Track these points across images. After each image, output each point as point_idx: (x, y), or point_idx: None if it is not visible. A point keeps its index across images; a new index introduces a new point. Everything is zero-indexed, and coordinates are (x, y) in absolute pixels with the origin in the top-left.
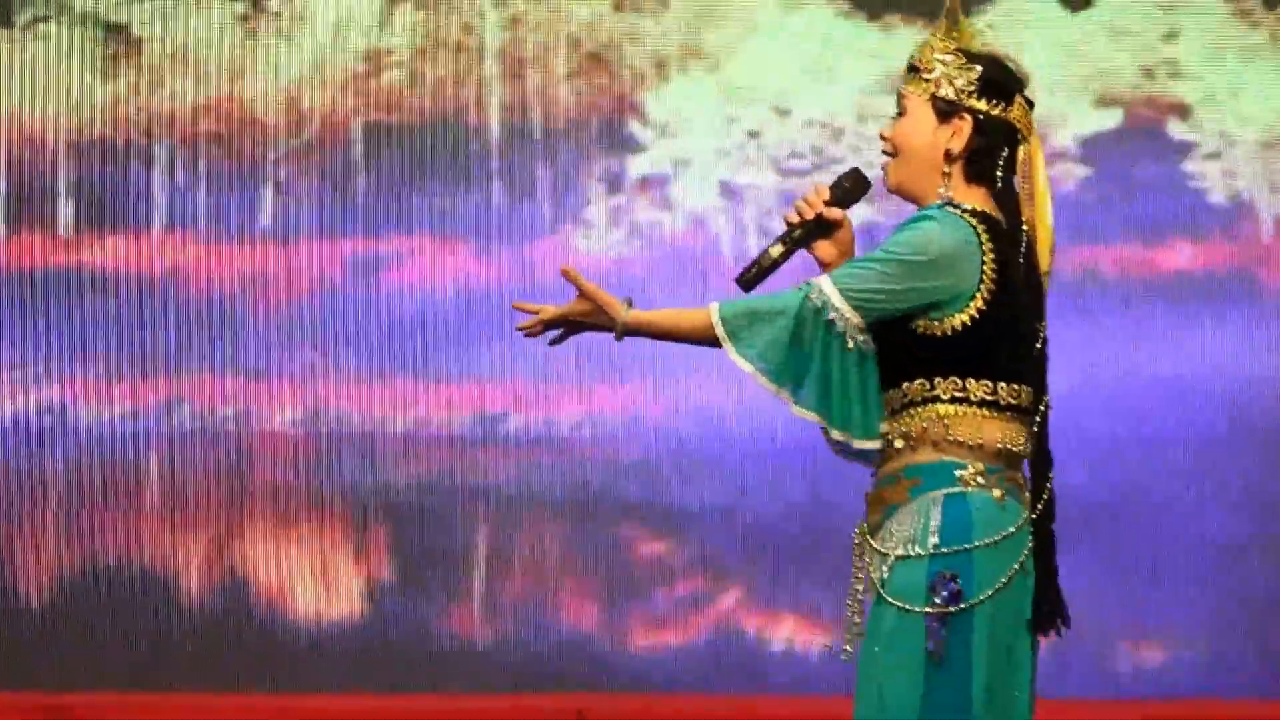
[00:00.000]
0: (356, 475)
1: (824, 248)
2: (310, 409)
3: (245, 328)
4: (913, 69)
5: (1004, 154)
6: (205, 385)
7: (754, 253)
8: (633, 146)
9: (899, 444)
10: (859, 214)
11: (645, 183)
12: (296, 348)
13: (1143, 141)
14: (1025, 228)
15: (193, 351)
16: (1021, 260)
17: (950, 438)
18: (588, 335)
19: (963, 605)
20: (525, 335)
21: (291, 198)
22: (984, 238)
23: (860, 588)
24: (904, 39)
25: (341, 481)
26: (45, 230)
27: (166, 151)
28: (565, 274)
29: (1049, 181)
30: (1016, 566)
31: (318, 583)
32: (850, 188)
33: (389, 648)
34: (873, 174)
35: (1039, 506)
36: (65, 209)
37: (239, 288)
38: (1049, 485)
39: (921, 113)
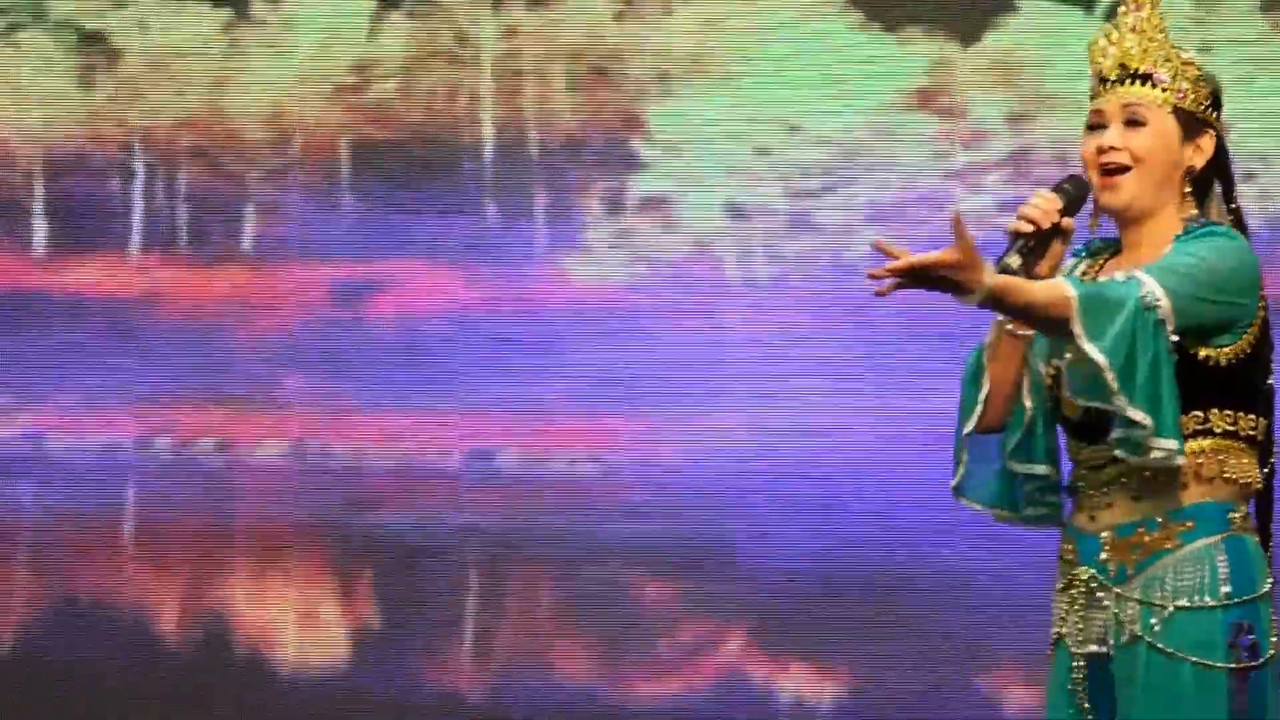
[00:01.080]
0: (342, 512)
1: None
2: (294, 441)
3: (227, 355)
4: (1140, 76)
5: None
6: (185, 415)
7: (761, 277)
8: (635, 164)
9: (1160, 481)
10: None
11: (648, 203)
12: (280, 376)
13: None
14: None
15: (172, 380)
16: None
17: (1224, 475)
18: (584, 359)
19: (1261, 659)
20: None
21: (276, 217)
22: None
23: (1081, 638)
24: (923, 53)
25: (327, 519)
26: (18, 249)
27: (146, 167)
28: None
29: None
30: None
31: (301, 627)
32: (1076, 195)
33: (374, 698)
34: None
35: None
36: (39, 227)
37: (220, 312)
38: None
39: (1166, 125)
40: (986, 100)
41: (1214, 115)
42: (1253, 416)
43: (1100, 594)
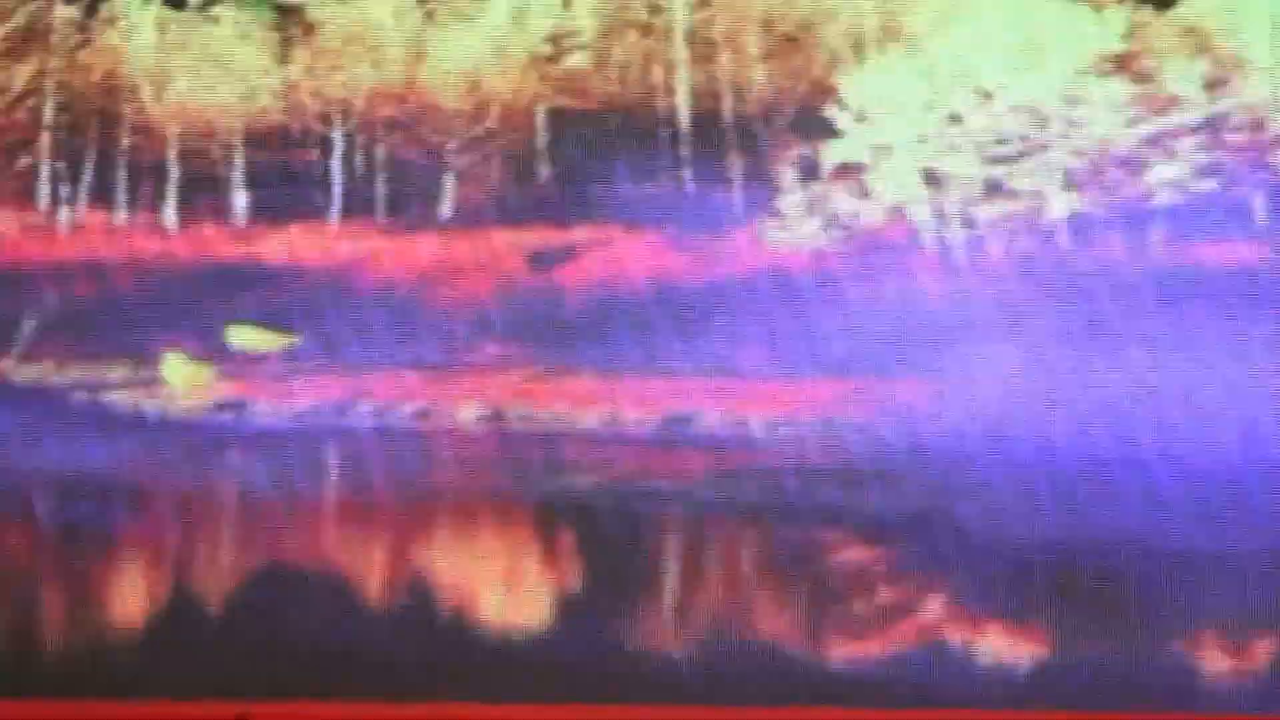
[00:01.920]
0: (542, 476)
1: None
2: (494, 406)
3: (426, 321)
4: None
5: None
6: (385, 382)
7: (955, 243)
8: (828, 132)
9: None
10: None
11: (842, 170)
12: (479, 342)
13: None
14: None
15: (372, 347)
16: None
17: None
18: (779, 323)
19: None
20: None
21: (473, 187)
22: None
23: None
24: (1118, 18)
25: (527, 482)
26: (219, 220)
27: (344, 139)
28: None
29: None
30: None
31: (504, 590)
32: None
33: (576, 658)
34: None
35: None
36: (240, 199)
37: (419, 280)
38: None
39: None
40: (1181, 66)
41: None
42: None
43: None
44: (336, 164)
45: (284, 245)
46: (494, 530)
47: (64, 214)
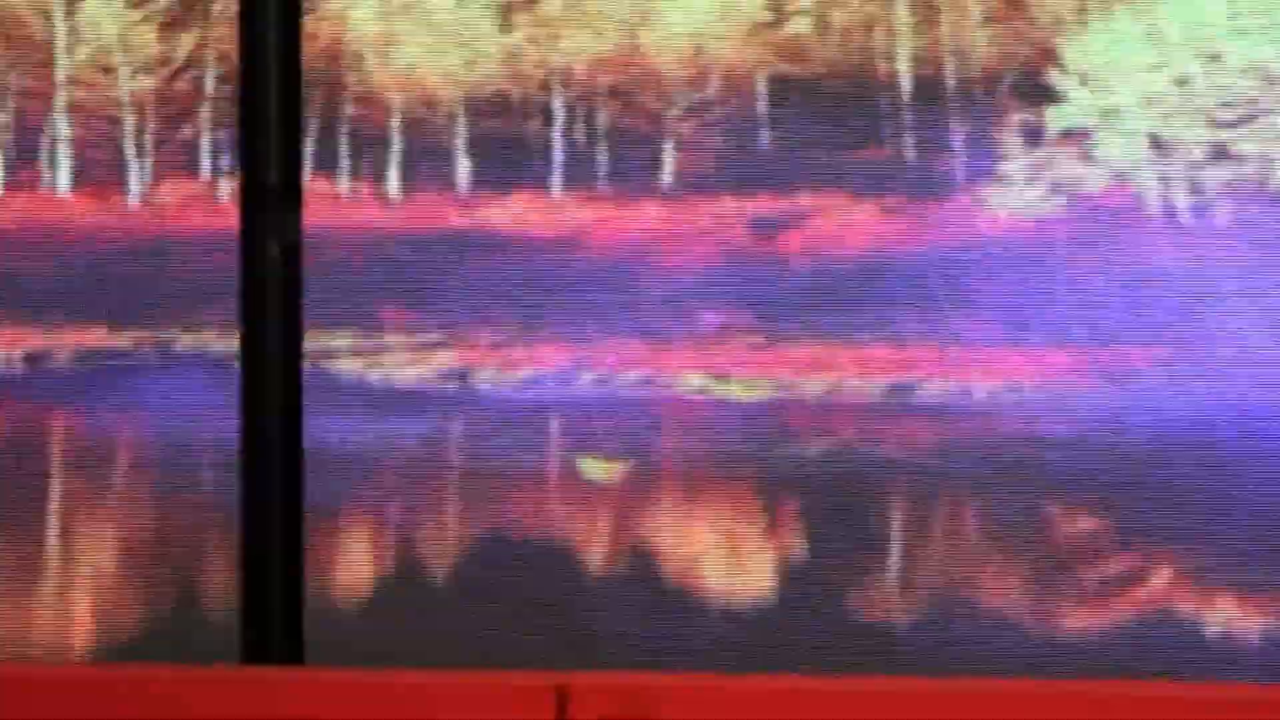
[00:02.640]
0: (764, 444)
1: None
2: (716, 374)
3: (648, 290)
4: None
5: None
6: (608, 350)
7: (1181, 208)
8: (1051, 97)
9: None
10: None
11: (1066, 136)
12: (700, 310)
13: None
14: None
15: (594, 315)
16: None
17: None
18: (1002, 290)
19: None
20: None
21: (694, 154)
22: None
23: None
24: None
25: (750, 451)
26: (442, 189)
27: (565, 107)
28: None
29: None
30: None
31: (727, 558)
32: None
33: (801, 627)
34: None
35: None
36: (463, 167)
37: (641, 248)
38: None
39: None
40: None
41: None
42: None
43: None
44: (558, 132)
45: (507, 214)
46: (716, 498)
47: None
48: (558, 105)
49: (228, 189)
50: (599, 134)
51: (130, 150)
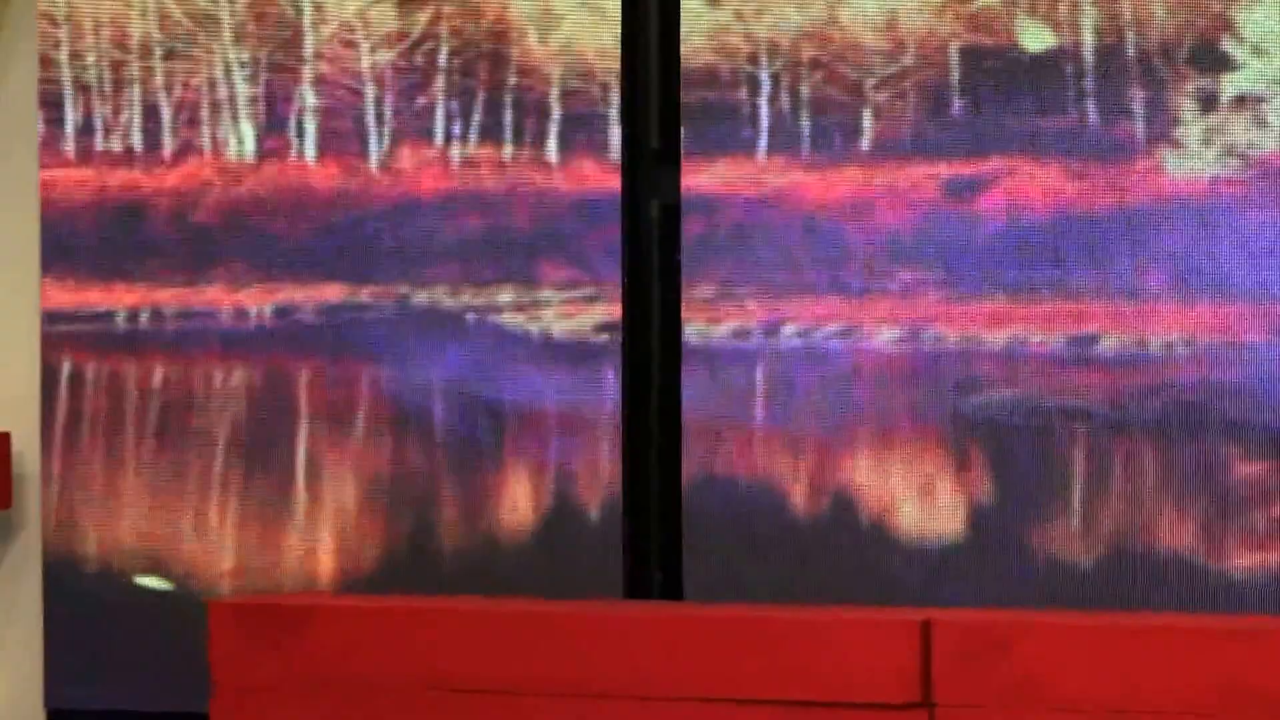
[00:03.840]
0: (954, 394)
1: None
2: (910, 328)
3: (847, 249)
4: None
5: None
6: (809, 306)
7: None
8: (1226, 65)
9: None
10: None
11: (1240, 102)
12: (896, 269)
13: None
14: None
15: (796, 272)
16: None
17: None
18: (1177, 247)
19: None
20: None
21: (891, 121)
22: None
23: None
24: None
25: (941, 400)
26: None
27: (770, 78)
28: None
29: None
30: None
31: (919, 500)
32: None
33: (989, 565)
34: None
35: None
36: (614, 136)
37: (841, 210)
38: None
39: None
40: None
41: None
42: None
43: None
44: (763, 101)
45: (714, 178)
46: (910, 444)
47: (456, 150)
48: (764, 76)
49: (458, 153)
50: (802, 103)
51: (370, 119)
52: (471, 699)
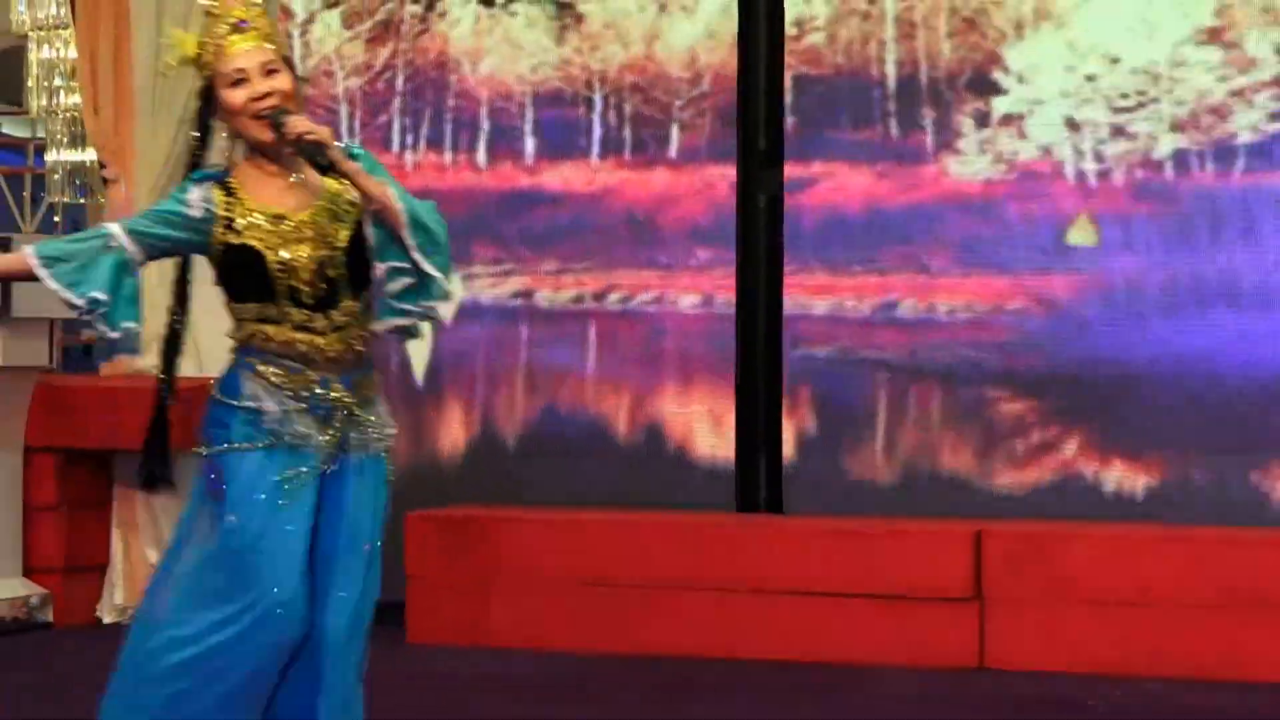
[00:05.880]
0: (791, 346)
1: None
2: (712, 297)
3: (658, 233)
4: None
5: None
6: (629, 276)
7: (1089, 173)
8: (997, 91)
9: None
10: None
11: (1006, 119)
12: (700, 248)
13: None
14: None
15: (619, 251)
16: None
17: None
18: (959, 233)
19: None
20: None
21: (696, 133)
22: None
23: None
24: (1210, 1)
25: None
26: (515, 159)
27: (601, 99)
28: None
29: None
30: None
31: (713, 429)
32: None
33: (812, 482)
34: None
35: None
36: (529, 143)
37: (651, 204)
38: None
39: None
40: (1259, 35)
41: None
42: None
43: None
44: (596, 117)
45: (559, 177)
46: (707, 386)
47: (409, 157)
48: (597, 98)
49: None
50: (625, 119)
51: (344, 131)
52: (613, 591)
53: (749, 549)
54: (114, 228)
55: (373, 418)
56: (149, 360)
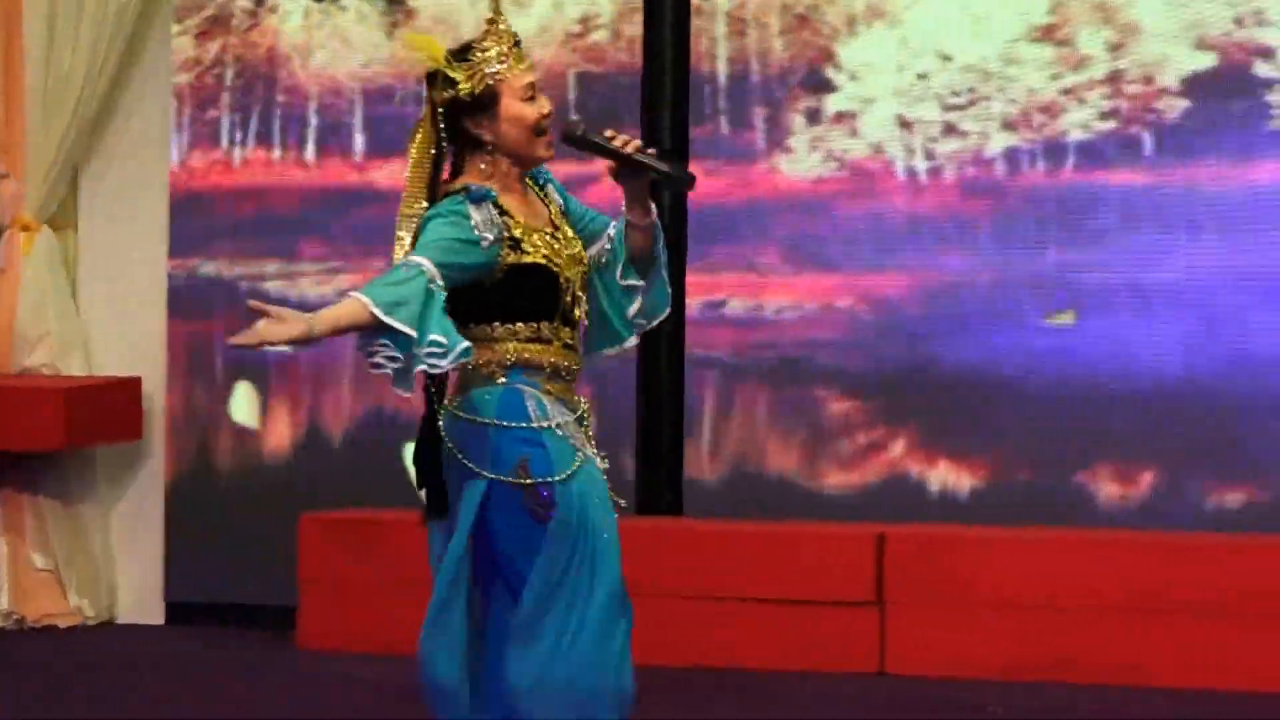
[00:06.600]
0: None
1: None
2: None
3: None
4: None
5: None
6: None
7: (920, 171)
8: (829, 88)
9: None
10: None
11: (838, 117)
12: None
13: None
14: None
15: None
16: None
17: None
18: (790, 231)
19: None
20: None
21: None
22: None
23: None
24: None
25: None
26: (344, 156)
27: None
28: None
29: None
30: None
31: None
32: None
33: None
34: None
35: None
36: (359, 140)
37: None
38: None
39: None
40: (1091, 33)
41: None
42: None
43: None
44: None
45: (388, 175)
46: None
47: (236, 153)
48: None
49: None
50: None
51: (172, 127)
52: None
53: (647, 553)
54: (427, 265)
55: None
56: (36, 358)
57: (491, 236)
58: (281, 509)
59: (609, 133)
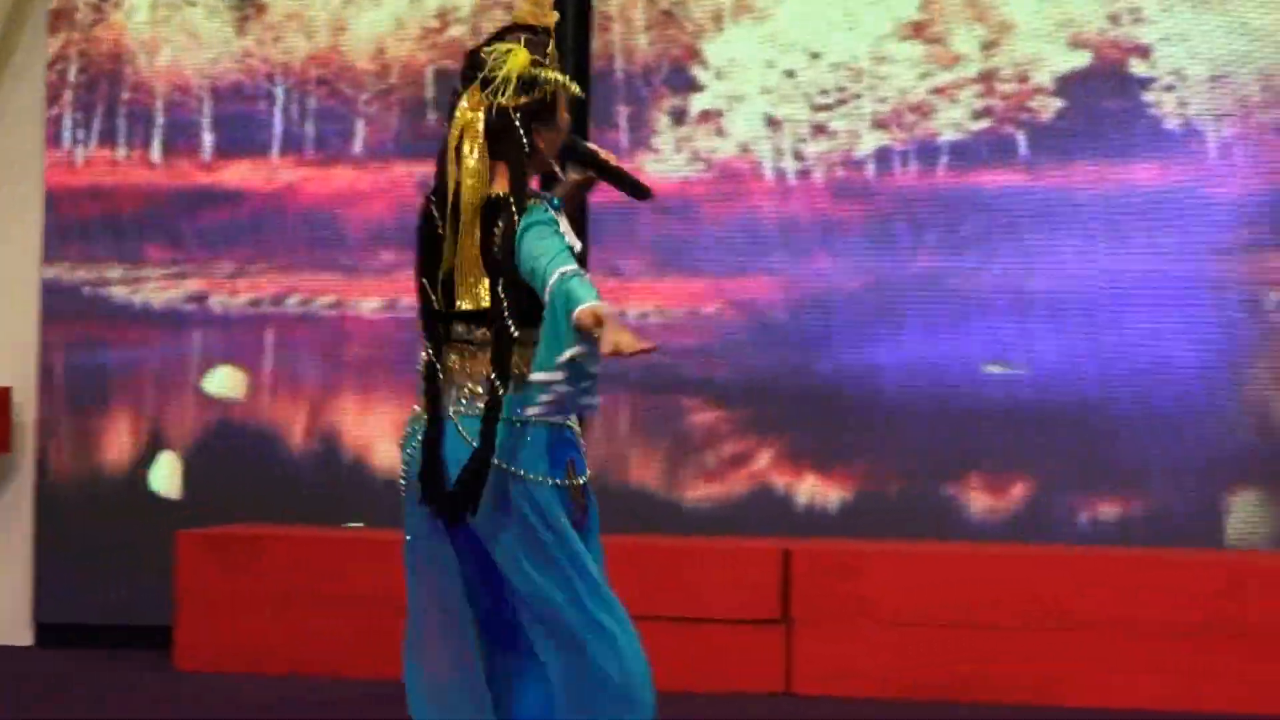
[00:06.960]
0: None
1: None
2: (396, 300)
3: (341, 233)
4: None
5: None
6: (308, 280)
7: (789, 172)
8: (695, 86)
9: None
10: None
11: (704, 116)
12: (381, 249)
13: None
14: None
15: (301, 253)
16: None
17: None
18: (656, 234)
19: None
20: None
21: (379, 129)
22: None
23: None
24: None
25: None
26: (192, 155)
27: (284, 93)
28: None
29: None
30: None
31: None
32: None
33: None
34: None
35: None
36: (208, 139)
37: (336, 201)
38: None
39: None
40: (964, 31)
41: None
42: None
43: None
44: (278, 112)
45: (238, 175)
46: (392, 394)
47: (79, 152)
48: (279, 91)
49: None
50: (309, 113)
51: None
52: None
53: None
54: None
55: None
56: None
57: (578, 248)
58: (157, 525)
59: (592, 146)
